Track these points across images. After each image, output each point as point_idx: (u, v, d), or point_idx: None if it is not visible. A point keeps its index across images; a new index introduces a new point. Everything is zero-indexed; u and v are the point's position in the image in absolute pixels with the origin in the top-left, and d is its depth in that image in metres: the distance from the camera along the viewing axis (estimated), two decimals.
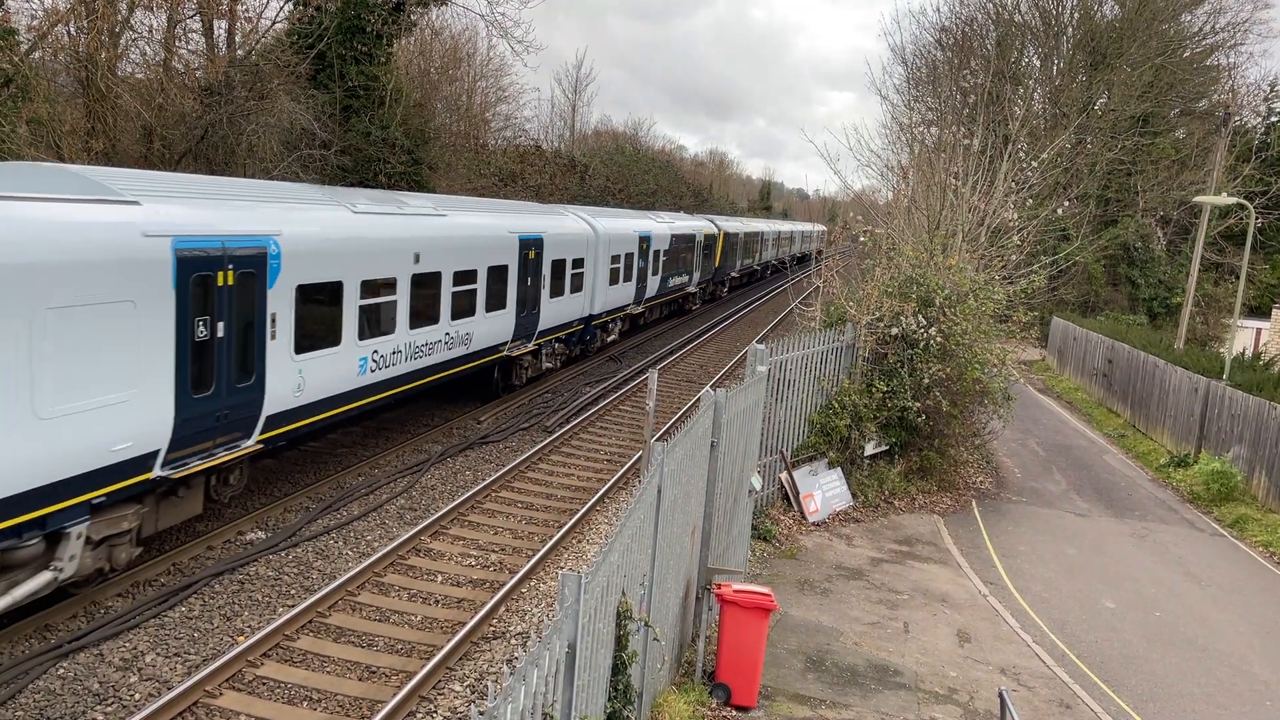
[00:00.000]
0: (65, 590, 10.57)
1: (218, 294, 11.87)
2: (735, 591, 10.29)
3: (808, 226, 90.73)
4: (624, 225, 30.58)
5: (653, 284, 34.20)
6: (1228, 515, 20.36)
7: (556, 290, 24.10)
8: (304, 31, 31.23)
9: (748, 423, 12.63)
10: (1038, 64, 50.70)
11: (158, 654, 10.04)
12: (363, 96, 32.92)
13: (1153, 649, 13.53)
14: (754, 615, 10.19)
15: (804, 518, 16.80)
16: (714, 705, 10.22)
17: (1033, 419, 28.44)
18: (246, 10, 30.85)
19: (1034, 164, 24.92)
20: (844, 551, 15.83)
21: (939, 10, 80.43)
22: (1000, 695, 9.89)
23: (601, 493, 16.30)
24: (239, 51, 29.93)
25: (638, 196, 65.07)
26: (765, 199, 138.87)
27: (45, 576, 9.80)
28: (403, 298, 16.52)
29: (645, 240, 32.42)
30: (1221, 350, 30.35)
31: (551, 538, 14.16)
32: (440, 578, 12.71)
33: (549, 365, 25.06)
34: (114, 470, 10.43)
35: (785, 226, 78.76)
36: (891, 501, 18.46)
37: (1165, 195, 45.39)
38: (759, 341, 16.23)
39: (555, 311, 24.18)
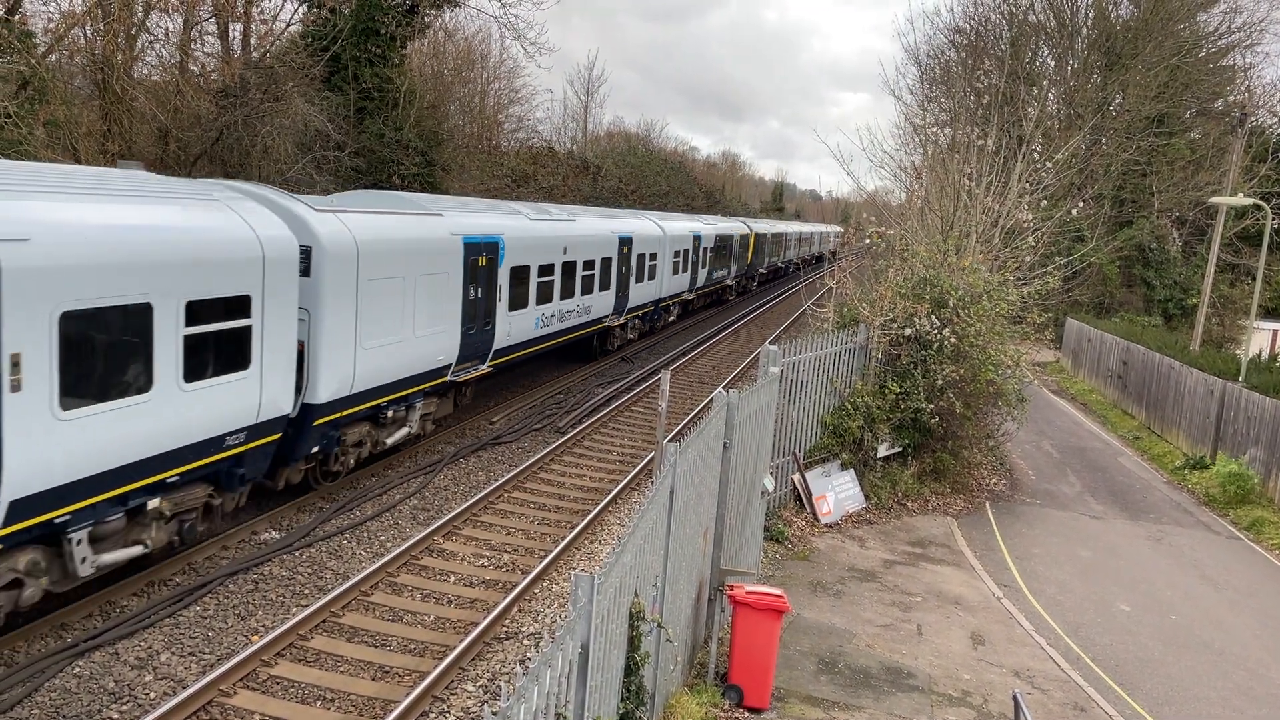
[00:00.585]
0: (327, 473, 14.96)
1: (478, 270, 18.72)
2: (748, 593, 10.27)
3: (824, 228, 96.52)
4: (682, 227, 36.82)
5: (701, 275, 40.53)
6: (1244, 518, 20.22)
7: (639, 278, 30.62)
8: (318, 34, 31.38)
9: (760, 424, 12.62)
10: (1052, 64, 50.47)
11: (173, 653, 10.09)
12: (376, 98, 33.06)
13: (1168, 652, 13.45)
14: (766, 617, 10.18)
15: (816, 519, 16.76)
16: (726, 707, 10.21)
17: (1047, 421, 28.31)
18: (261, 13, 31.03)
19: (1048, 165, 24.82)
20: (857, 553, 15.79)
21: (953, 11, 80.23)
22: (1014, 698, 9.85)
23: (614, 493, 16.31)
24: (254, 54, 30.09)
25: (650, 198, 65.09)
26: (777, 200, 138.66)
27: (405, 430, 16.73)
28: (557, 279, 23.29)
29: (697, 239, 38.89)
30: (1238, 352, 30.14)
31: (564, 538, 14.17)
32: (453, 578, 12.73)
33: (631, 336, 31.81)
34: (436, 371, 17.33)
35: (806, 228, 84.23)
36: (904, 503, 18.41)
37: (1181, 196, 45.11)
38: (772, 342, 16.21)
39: (638, 294, 30.82)
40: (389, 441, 16.38)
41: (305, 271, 13.44)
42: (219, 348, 11.48)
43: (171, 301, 10.66)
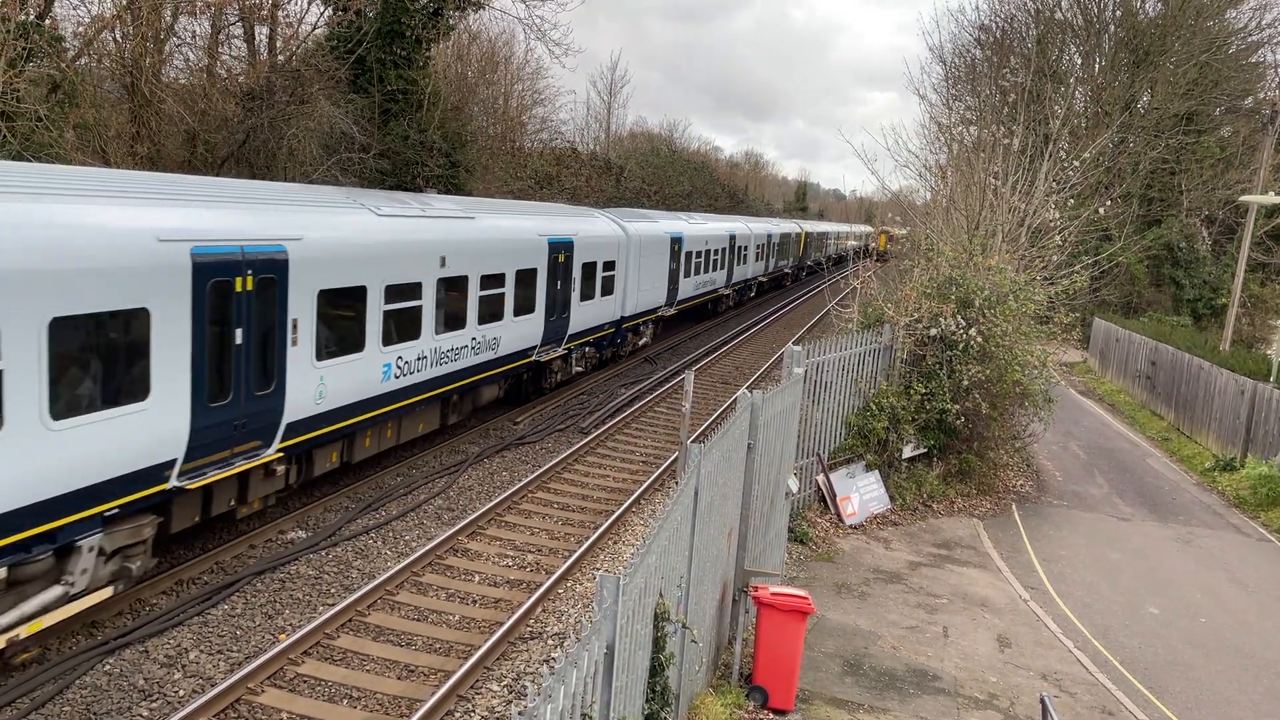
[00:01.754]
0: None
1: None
2: (772, 594, 10.25)
3: (860, 228, 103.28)
4: (759, 227, 50.25)
5: (770, 264, 53.26)
6: (1275, 520, 19.97)
7: (740, 261, 44.17)
8: (344, 36, 31.56)
9: (784, 425, 12.59)
10: (1079, 62, 50.01)
11: (201, 651, 10.19)
12: (401, 100, 33.21)
13: (1197, 655, 13.31)
14: (791, 618, 10.15)
15: (841, 520, 16.70)
16: (751, 708, 10.19)
17: (1074, 421, 28.07)
18: (288, 16, 31.24)
19: (1075, 163, 24.61)
20: (882, 554, 15.72)
21: (978, 9, 79.46)
22: (1042, 701, 9.77)
23: (637, 494, 16.31)
24: (280, 57, 30.31)
25: (673, 198, 65.13)
26: (801, 200, 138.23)
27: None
28: (712, 260, 34.34)
29: (769, 237, 51.87)
30: (1269, 352, 29.75)
31: (588, 539, 14.19)
32: (478, 578, 12.78)
33: (734, 302, 46.26)
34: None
35: (843, 228, 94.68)
36: (930, 504, 18.30)
37: (1210, 194, 44.58)
38: (795, 343, 16.16)
39: (739, 273, 44.69)
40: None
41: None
42: (600, 285, 24.90)
43: (588, 260, 23.95)
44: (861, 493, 17.21)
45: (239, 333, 11.59)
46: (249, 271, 11.71)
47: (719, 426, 10.04)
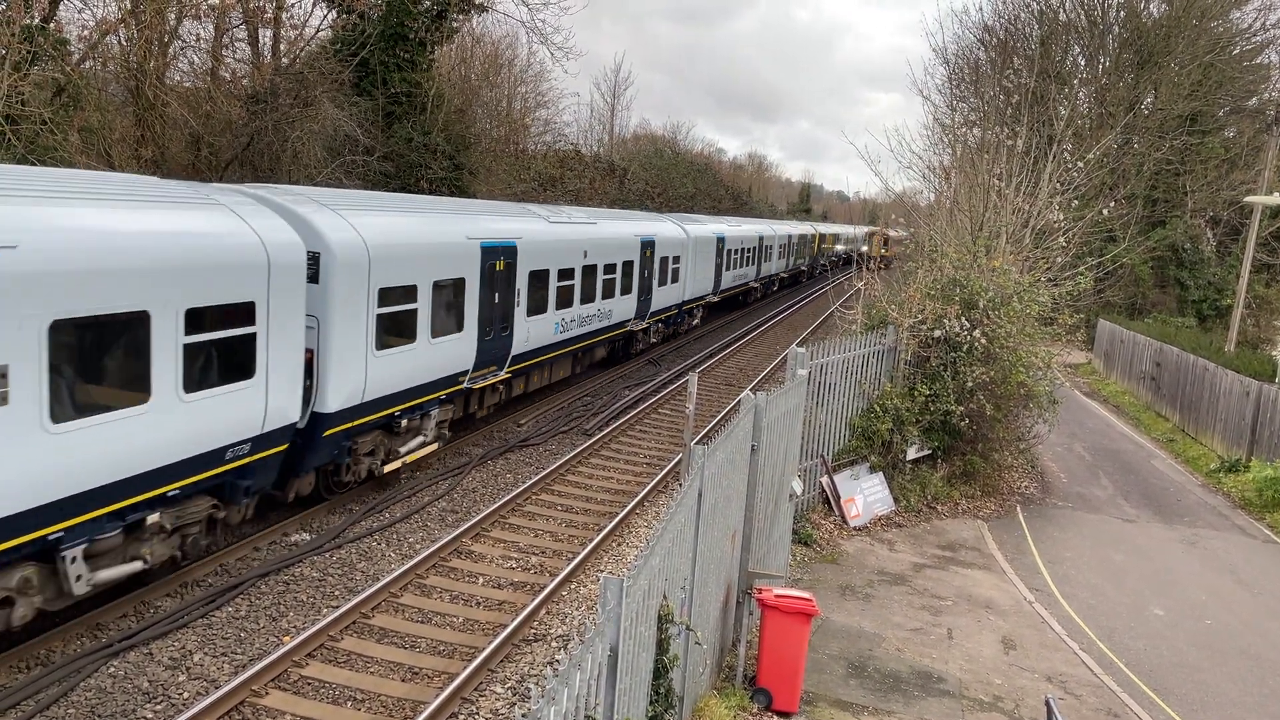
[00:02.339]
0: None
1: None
2: (776, 596, 10.24)
3: (863, 229, 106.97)
4: (781, 229, 57.11)
5: (789, 262, 59.86)
6: None
7: (766, 259, 50.18)
8: (347, 39, 31.63)
9: (788, 426, 12.57)
10: (1083, 63, 49.95)
11: (205, 653, 10.20)
12: (405, 103, 33.27)
13: (1203, 657, 13.27)
14: (795, 620, 10.14)
15: (845, 522, 16.68)
16: (755, 710, 10.18)
17: (1078, 423, 28.02)
18: (291, 19, 31.32)
19: (1079, 164, 24.57)
20: (886, 556, 15.70)
21: (981, 10, 79.62)
22: (1047, 703, 9.75)
23: (641, 496, 16.31)
24: (284, 60, 30.37)
25: (676, 200, 65.19)
26: (804, 201, 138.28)
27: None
28: (684, 265, 32.85)
29: (790, 238, 58.97)
30: (1274, 353, 29.69)
31: (591, 540, 14.18)
32: (481, 580, 12.78)
33: (760, 294, 51.70)
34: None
35: (852, 230, 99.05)
36: (934, 506, 18.28)
37: (1215, 195, 44.50)
38: (799, 344, 16.15)
39: (767, 269, 50.90)
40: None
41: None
42: (670, 275, 30.96)
43: (665, 255, 29.59)
44: (865, 494, 17.19)
45: (496, 295, 18.28)
46: (501, 258, 18.37)
47: (723, 428, 10.03)
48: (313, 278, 13.04)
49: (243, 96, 28.02)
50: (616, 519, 15.08)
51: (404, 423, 15.62)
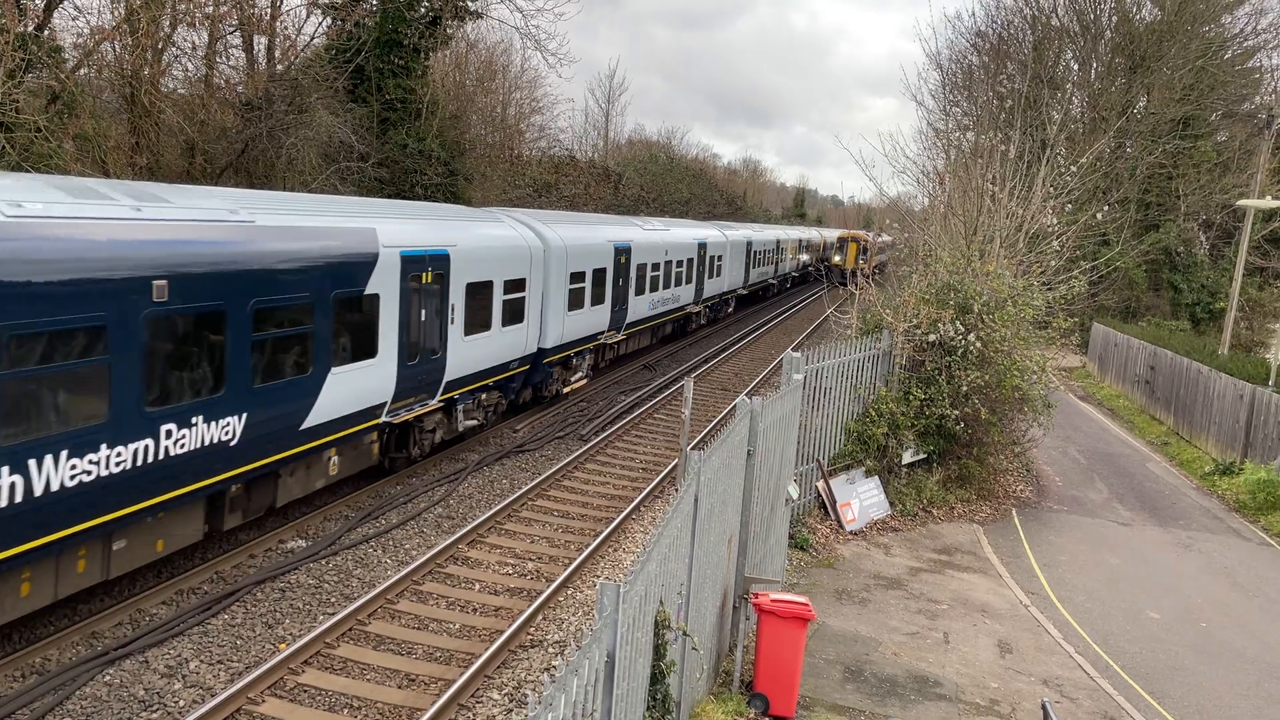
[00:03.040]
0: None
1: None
2: (773, 601, 10.25)
3: (793, 231, 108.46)
4: (794, 234, 65.44)
5: (800, 262, 66.97)
6: (1275, 524, 19.97)
7: (782, 259, 57.65)
8: (342, 46, 31.65)
9: (784, 431, 12.59)
10: (1075, 68, 50.16)
11: (201, 661, 10.18)
12: (400, 109, 33.29)
13: (1199, 660, 13.30)
14: (792, 625, 10.15)
15: (841, 527, 16.70)
16: (752, 715, 10.18)
17: (1073, 426, 28.08)
18: (286, 26, 31.32)
19: (1073, 169, 24.65)
20: (882, 561, 15.71)
21: (974, 15, 79.83)
22: (1043, 707, 9.77)
23: (637, 501, 16.31)
24: (279, 67, 30.37)
25: (671, 205, 65.27)
26: (799, 206, 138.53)
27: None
28: (725, 262, 40.21)
29: (799, 241, 65.98)
30: (1267, 356, 29.78)
31: (588, 546, 14.19)
32: (478, 586, 12.77)
33: (776, 290, 59.63)
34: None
35: (813, 235, 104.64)
36: (930, 510, 18.30)
37: (1207, 199, 44.66)
38: (795, 349, 16.17)
39: (781, 268, 58.26)
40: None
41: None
42: (716, 270, 39.62)
43: (714, 254, 38.61)
44: (861, 499, 17.21)
45: (620, 280, 25.68)
46: (623, 255, 26.00)
47: (719, 433, 10.04)
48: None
49: (237, 103, 28.02)
50: (613, 524, 15.09)
51: (573, 361, 23.49)
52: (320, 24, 33.12)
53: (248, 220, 12.10)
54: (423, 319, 15.76)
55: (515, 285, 19.25)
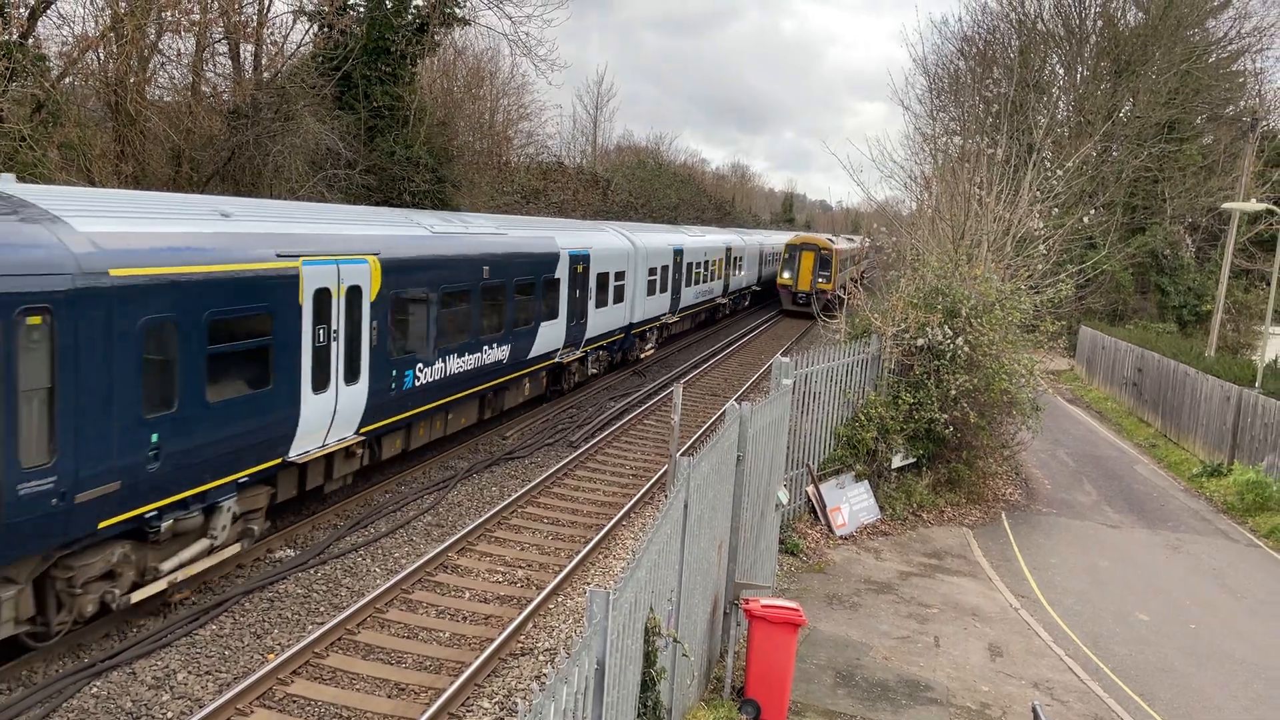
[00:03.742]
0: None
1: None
2: (763, 606, 10.23)
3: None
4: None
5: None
6: (1263, 525, 20.06)
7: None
8: (329, 53, 31.58)
9: (773, 436, 12.60)
10: (1061, 72, 50.41)
11: (189, 672, 10.12)
12: (387, 116, 33.24)
13: (1188, 662, 13.34)
14: (782, 630, 10.14)
15: (831, 531, 16.70)
16: None
17: (1062, 429, 28.17)
18: (273, 34, 31.24)
19: (1059, 172, 24.76)
20: (872, 565, 15.72)
21: (961, 20, 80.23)
22: (1033, 709, 9.78)
23: (627, 508, 16.29)
24: (265, 74, 30.30)
25: (660, 211, 65.32)
26: (788, 211, 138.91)
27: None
28: (744, 263, 47.94)
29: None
30: (1253, 358, 29.95)
31: (578, 553, 14.15)
32: (468, 594, 12.73)
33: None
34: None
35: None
36: (920, 514, 18.33)
37: (1193, 202, 44.93)
38: (784, 354, 16.18)
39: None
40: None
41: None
42: (736, 268, 47.51)
43: (694, 260, 38.58)
44: (851, 503, 17.22)
45: (676, 276, 33.69)
46: (679, 257, 33.82)
47: (708, 439, 10.03)
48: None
49: (224, 111, 27.94)
50: (603, 531, 15.06)
51: (647, 335, 31.27)
52: (307, 31, 33.04)
53: (502, 233, 19.84)
54: (577, 295, 23.77)
55: (619, 275, 27.35)
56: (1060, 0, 48.53)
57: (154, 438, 10.37)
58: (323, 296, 13.37)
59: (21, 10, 21.35)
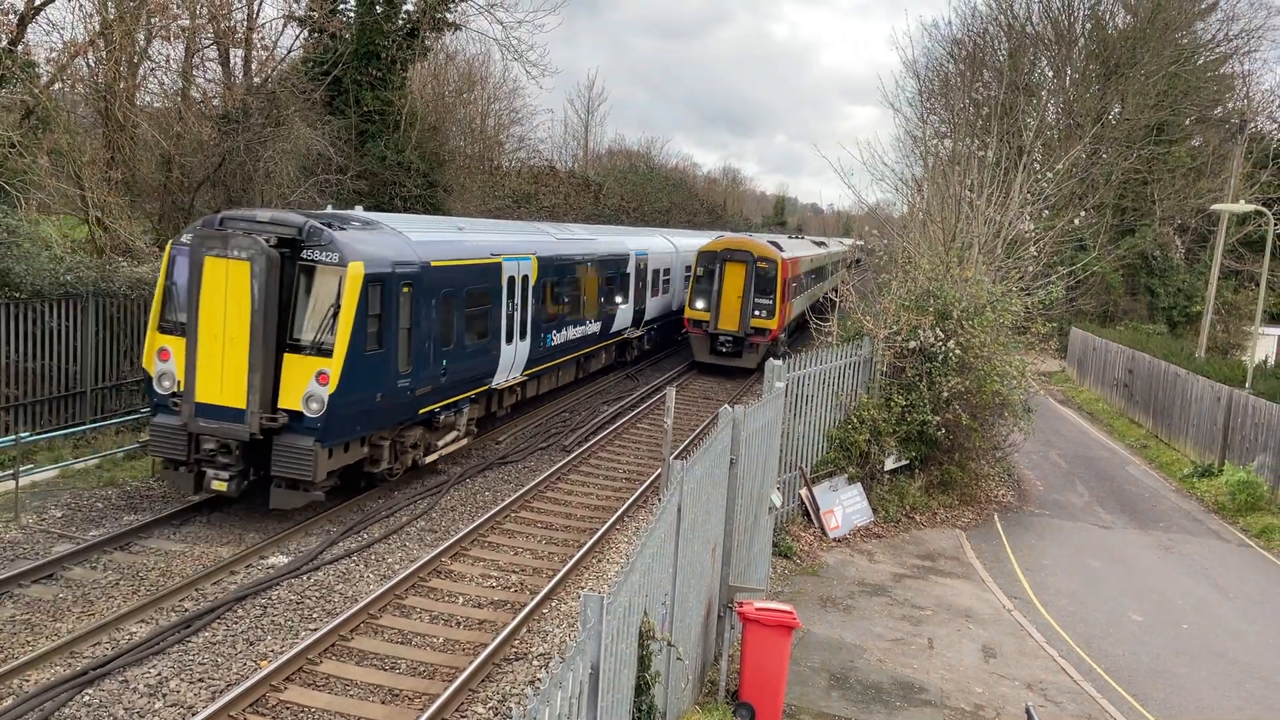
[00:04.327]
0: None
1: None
2: (757, 609, 10.24)
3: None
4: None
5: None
6: (1254, 525, 20.14)
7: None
8: (319, 58, 31.53)
9: (766, 439, 12.61)
10: (1051, 74, 50.63)
11: (182, 680, 10.07)
12: (378, 121, 33.18)
13: (1181, 662, 13.38)
14: (776, 633, 10.14)
15: (825, 534, 16.72)
16: None
17: (1054, 430, 28.25)
18: (263, 39, 31.18)
19: (1049, 175, 24.85)
20: (866, 567, 15.74)
21: (950, 23, 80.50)
22: (1027, 711, 9.80)
23: (621, 511, 16.28)
24: (255, 79, 30.24)
25: (651, 214, 65.35)
26: (780, 214, 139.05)
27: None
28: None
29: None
30: (1243, 358, 30.08)
31: (572, 557, 14.14)
32: (461, 599, 12.70)
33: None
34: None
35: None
36: (913, 516, 18.36)
37: (1182, 203, 45.14)
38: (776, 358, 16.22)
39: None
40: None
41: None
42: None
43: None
44: (844, 506, 17.24)
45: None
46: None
47: (701, 442, 10.04)
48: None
49: (214, 117, 27.87)
50: (597, 535, 15.05)
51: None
52: (297, 36, 33.01)
53: (594, 238, 26.74)
54: (639, 286, 29.98)
55: (666, 271, 33.39)
56: (1049, 3, 48.78)
57: (444, 362, 16.72)
58: (511, 282, 19.81)
59: (10, 17, 21.28)
